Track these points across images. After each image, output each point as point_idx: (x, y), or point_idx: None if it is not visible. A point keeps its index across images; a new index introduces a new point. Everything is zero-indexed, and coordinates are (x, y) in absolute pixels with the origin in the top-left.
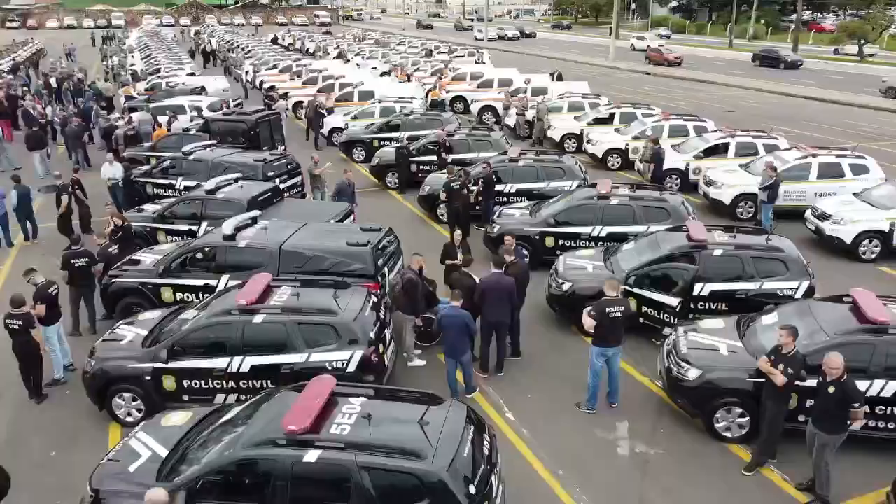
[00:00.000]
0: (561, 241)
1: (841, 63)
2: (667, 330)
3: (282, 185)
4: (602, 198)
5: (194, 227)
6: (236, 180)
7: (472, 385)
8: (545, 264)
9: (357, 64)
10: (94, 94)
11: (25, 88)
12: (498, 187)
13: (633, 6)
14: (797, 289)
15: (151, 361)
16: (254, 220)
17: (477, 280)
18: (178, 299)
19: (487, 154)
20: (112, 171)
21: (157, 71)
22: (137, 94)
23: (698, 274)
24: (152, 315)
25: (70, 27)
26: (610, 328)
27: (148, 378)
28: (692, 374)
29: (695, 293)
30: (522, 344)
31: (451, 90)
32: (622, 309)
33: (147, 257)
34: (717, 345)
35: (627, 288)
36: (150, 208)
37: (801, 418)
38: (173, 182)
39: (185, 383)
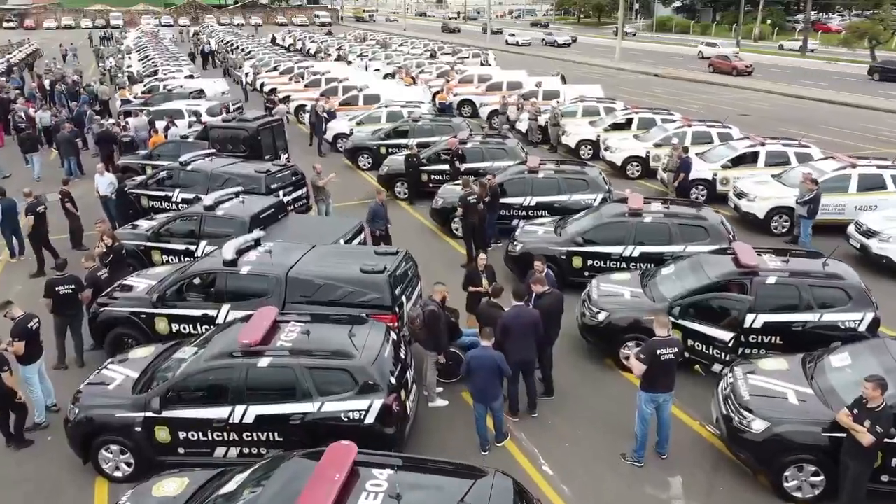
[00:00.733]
0: (589, 262)
1: (851, 65)
2: (715, 365)
3: (286, 198)
4: (634, 214)
5: (192, 247)
6: (237, 194)
7: (503, 431)
8: (571, 286)
9: (366, 66)
10: (89, 97)
11: (18, 91)
12: (516, 200)
13: (636, 6)
14: (860, 321)
15: (143, 410)
16: (257, 242)
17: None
18: (174, 331)
19: (503, 163)
20: (104, 182)
21: (155, 73)
22: (134, 97)
23: (752, 305)
24: (144, 353)
25: (68, 27)
26: (662, 372)
27: (139, 429)
28: (757, 425)
29: (745, 325)
30: (553, 379)
31: (458, 93)
32: (675, 350)
33: (140, 283)
34: (783, 391)
35: (671, 319)
36: (144, 225)
37: (885, 478)
38: (169, 194)
39: (181, 435)
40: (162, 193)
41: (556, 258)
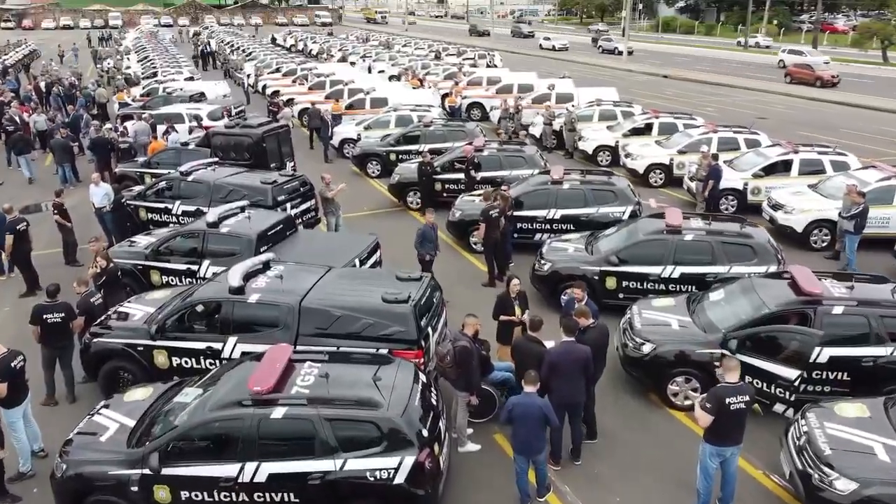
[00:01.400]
0: (624, 283)
1: (864, 66)
2: (777, 405)
3: (293, 210)
4: (673, 231)
5: (194, 266)
6: (242, 209)
7: (545, 485)
8: (604, 309)
9: (369, 68)
10: (86, 100)
11: (13, 94)
12: (539, 213)
13: (640, 6)
14: None
15: (140, 466)
16: (266, 265)
17: (548, 347)
18: (175, 365)
19: (521, 172)
20: (99, 193)
21: (154, 75)
22: (132, 100)
23: (819, 338)
24: (141, 394)
25: (66, 27)
26: (731, 423)
27: (135, 489)
28: (843, 485)
29: (811, 360)
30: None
31: (467, 96)
32: (746, 399)
33: (137, 310)
34: (869, 444)
35: (726, 353)
36: (141, 242)
37: None
38: (169, 206)
39: (184, 495)
40: (161, 205)
41: (588, 278)
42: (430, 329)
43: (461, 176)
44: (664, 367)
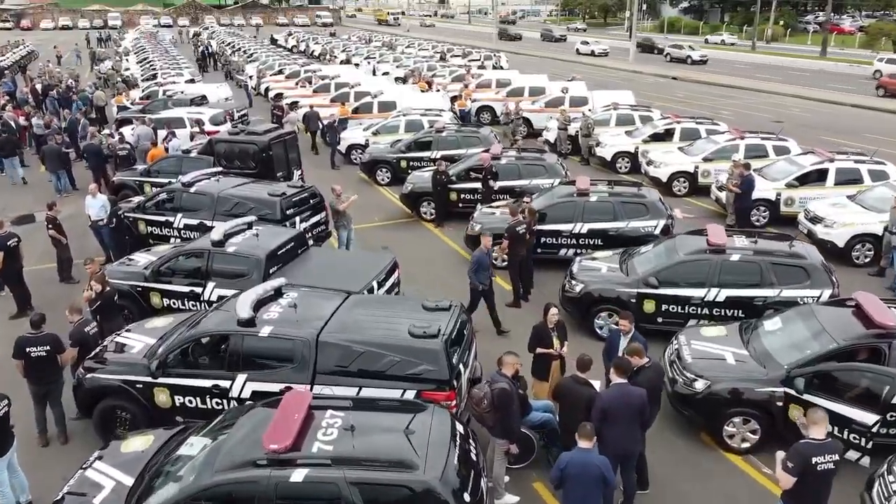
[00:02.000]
0: (664, 306)
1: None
2: (850, 452)
3: (303, 224)
4: (716, 251)
5: (197, 289)
6: (250, 225)
7: None
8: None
9: (373, 70)
10: (83, 103)
11: (8, 98)
12: (565, 227)
13: (644, 7)
14: None
15: None
16: (277, 292)
17: (597, 389)
18: (178, 404)
19: (540, 181)
20: (95, 205)
21: (154, 77)
22: (131, 103)
23: None
24: (140, 444)
25: (65, 28)
26: (817, 485)
27: None
28: None
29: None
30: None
31: (477, 99)
32: (836, 458)
33: (135, 341)
34: None
35: (792, 392)
36: (140, 260)
37: None
38: (171, 219)
39: None
40: (162, 219)
41: (624, 301)
42: (461, 366)
43: (478, 185)
44: (720, 407)
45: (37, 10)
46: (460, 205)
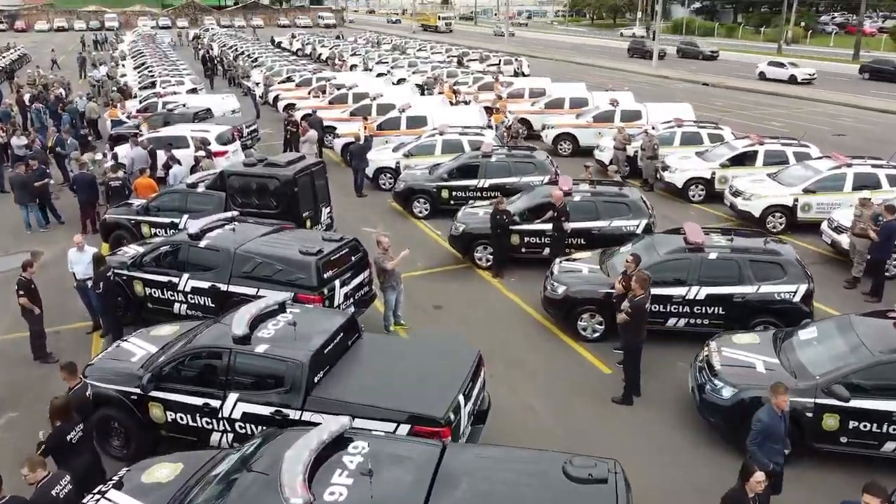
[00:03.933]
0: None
1: None
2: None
3: (344, 288)
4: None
5: (213, 402)
6: (282, 306)
7: None
8: None
9: (403, 79)
10: (72, 117)
11: None
12: (547, 226)
13: (657, 7)
14: None
15: None
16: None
17: None
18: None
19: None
20: (82, 262)
21: (153, 85)
22: (127, 116)
23: None
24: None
25: (61, 29)
26: None
27: None
28: None
29: None
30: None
31: (511, 111)
32: None
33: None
34: None
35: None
36: (136, 354)
37: None
38: (175, 280)
39: None
40: (164, 279)
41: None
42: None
43: (544, 227)
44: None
45: (31, 11)
46: (523, 250)
